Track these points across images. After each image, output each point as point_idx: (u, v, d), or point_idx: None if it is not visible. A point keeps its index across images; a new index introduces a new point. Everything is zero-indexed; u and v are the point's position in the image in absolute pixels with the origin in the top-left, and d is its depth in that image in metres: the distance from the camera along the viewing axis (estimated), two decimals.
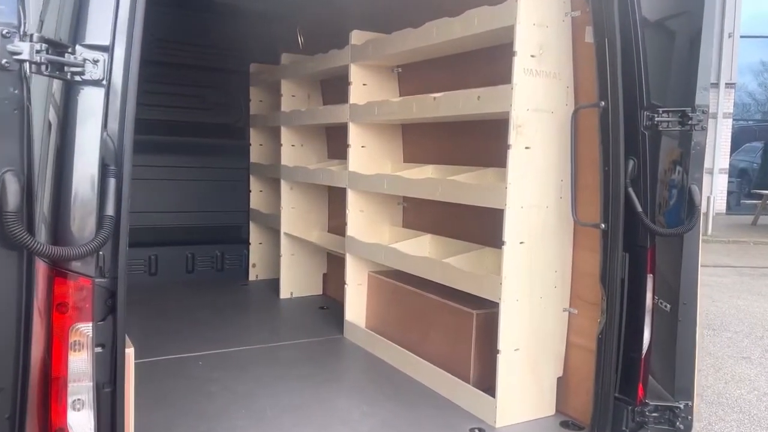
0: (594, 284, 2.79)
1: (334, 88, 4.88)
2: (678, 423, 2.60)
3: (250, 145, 5.57)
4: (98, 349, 1.66)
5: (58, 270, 1.54)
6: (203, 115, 5.50)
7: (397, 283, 3.73)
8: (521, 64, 2.69)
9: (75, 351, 1.59)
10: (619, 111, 2.52)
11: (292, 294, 5.03)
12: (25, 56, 1.34)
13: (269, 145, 5.51)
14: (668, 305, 2.67)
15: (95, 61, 1.53)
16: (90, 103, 1.54)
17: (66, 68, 1.48)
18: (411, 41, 3.35)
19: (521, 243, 2.78)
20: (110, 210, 1.55)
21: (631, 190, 2.53)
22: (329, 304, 4.82)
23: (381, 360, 3.62)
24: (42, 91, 1.52)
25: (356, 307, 4.04)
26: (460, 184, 3.00)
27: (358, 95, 3.92)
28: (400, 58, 3.72)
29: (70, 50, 1.50)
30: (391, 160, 4.06)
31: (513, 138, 2.71)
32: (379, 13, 4.20)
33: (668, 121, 2.52)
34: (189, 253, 5.48)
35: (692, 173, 2.53)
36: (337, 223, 4.95)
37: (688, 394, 2.64)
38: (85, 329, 1.59)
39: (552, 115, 2.79)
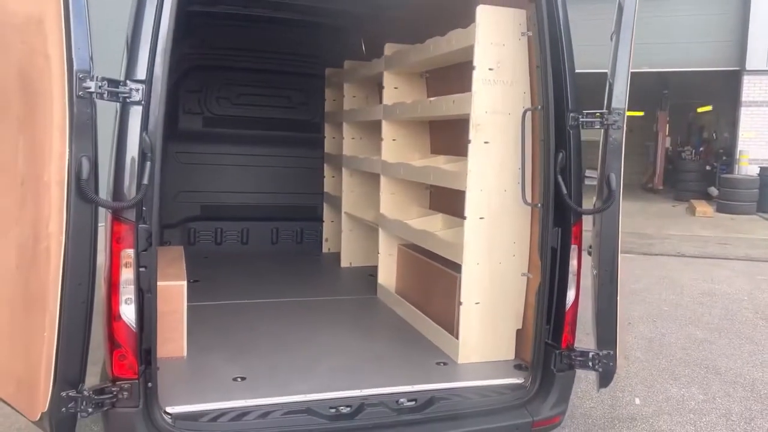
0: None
1: None
2: (597, 366, 3.20)
3: (325, 137, 6.58)
4: (143, 269, 2.66)
5: (115, 216, 2.55)
6: (287, 112, 6.58)
7: (413, 252, 4.53)
8: (480, 75, 3.39)
9: (126, 267, 2.60)
10: (549, 113, 3.16)
11: (350, 264, 5.97)
12: (92, 90, 2.34)
13: (339, 139, 6.47)
14: (595, 271, 3.27)
15: (137, 90, 2.51)
16: (134, 115, 2.53)
17: (119, 95, 2.48)
18: (419, 54, 4.13)
19: (481, 218, 3.49)
20: (146, 180, 2.53)
21: (560, 177, 3.16)
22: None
23: (396, 314, 4.45)
24: (110, 109, 2.54)
25: (387, 272, 4.88)
26: (441, 171, 3.76)
27: (391, 97, 4.75)
28: (418, 66, 4.50)
29: (122, 83, 2.50)
30: (419, 151, 4.85)
31: (473, 134, 3.42)
32: (419, 26, 4.99)
33: (589, 122, 3.12)
34: (274, 227, 6.61)
35: (611, 163, 3.10)
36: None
37: (610, 343, 3.22)
38: (132, 253, 2.59)
39: (509, 116, 3.46)
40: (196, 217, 6.38)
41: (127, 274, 2.61)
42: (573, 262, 3.21)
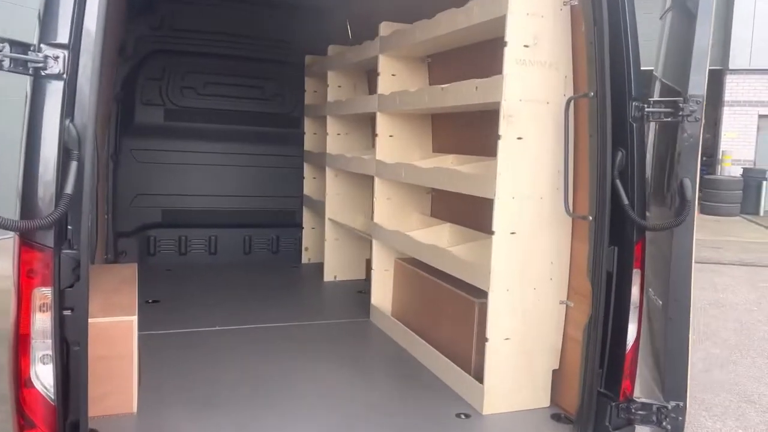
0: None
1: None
2: (665, 423, 2.53)
3: (304, 133, 5.81)
4: (68, 313, 1.88)
5: (24, 240, 1.78)
6: (261, 105, 5.79)
7: (416, 269, 3.81)
8: (513, 54, 2.69)
9: (41, 312, 1.82)
10: (606, 101, 2.47)
11: (335, 277, 5.22)
12: None
13: (321, 134, 5.72)
14: (660, 301, 2.60)
15: (56, 58, 1.74)
16: (52, 95, 1.76)
17: (29, 64, 1.71)
18: (425, 31, 3.41)
19: (512, 233, 2.78)
20: (70, 188, 1.76)
21: (618, 182, 2.48)
22: (368, 289, 4.96)
23: (396, 344, 3.73)
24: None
25: (382, 292, 4.16)
26: (458, 174, 3.04)
27: (387, 85, 4.02)
28: (422, 48, 3.78)
29: (33, 48, 1.72)
30: (420, 149, 4.13)
31: (503, 128, 2.71)
32: (419, 3, 4.26)
33: (658, 112, 2.44)
34: (246, 235, 5.82)
35: (684, 166, 2.43)
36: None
37: (679, 394, 2.55)
38: (50, 292, 1.82)
39: (548, 106, 2.77)
40: (157, 224, 5.55)
41: (42, 322, 1.84)
42: (634, 290, 2.54)
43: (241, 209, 5.82)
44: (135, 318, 2.67)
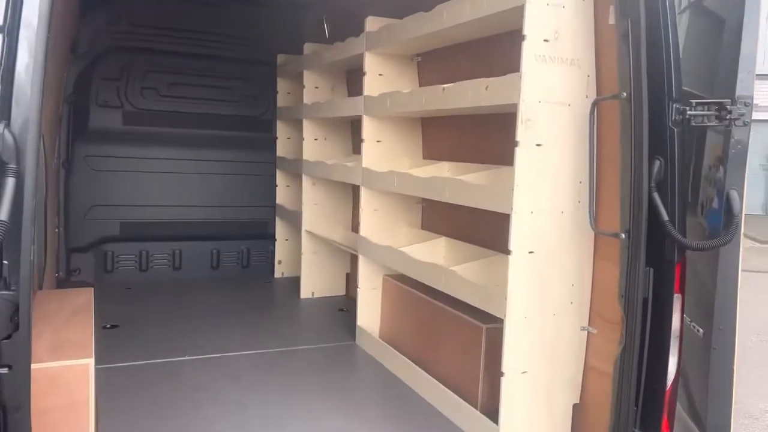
0: (615, 300, 2.46)
1: (360, 79, 4.63)
2: None
3: (277, 138, 5.40)
4: (3, 370, 1.47)
5: None
6: (229, 107, 5.35)
7: (411, 289, 3.45)
8: (532, 49, 2.36)
9: None
10: (642, 103, 2.16)
11: (313, 294, 4.83)
12: None
13: (296, 139, 5.33)
14: (701, 330, 2.30)
15: None
16: None
17: None
18: (422, 26, 3.06)
19: (530, 252, 2.45)
20: (4, 214, 1.34)
21: (656, 195, 2.17)
22: (350, 306, 4.60)
23: (388, 371, 3.36)
24: None
25: (369, 312, 3.79)
26: (465, 185, 2.70)
27: (374, 86, 3.66)
28: (415, 45, 3.43)
29: None
30: (409, 156, 3.78)
31: (521, 134, 2.38)
32: None
33: (702, 115, 2.14)
34: (214, 248, 5.37)
35: (731, 176, 2.14)
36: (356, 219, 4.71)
37: None
38: None
39: (569, 108, 2.45)
40: (115, 238, 5.06)
41: None
42: (674, 319, 2.23)
43: (207, 220, 5.36)
44: (91, 361, 2.24)
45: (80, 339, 2.44)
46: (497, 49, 3.05)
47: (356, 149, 4.79)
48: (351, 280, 4.91)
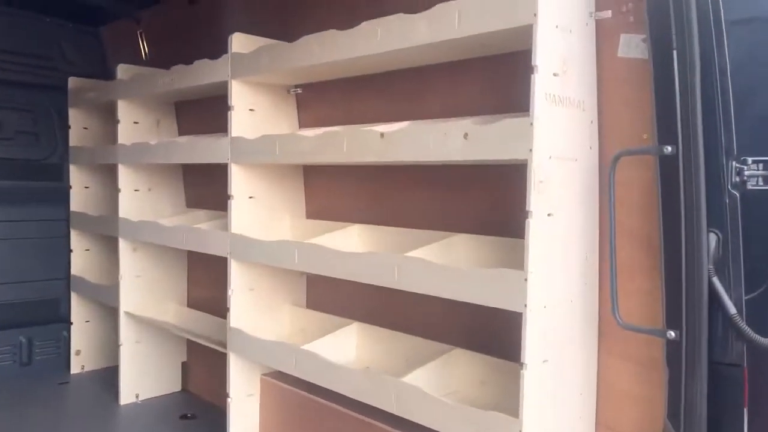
0: (631, 406, 1.91)
1: (195, 113, 3.62)
2: None
3: (71, 188, 4.05)
4: None
5: None
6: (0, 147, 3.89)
7: (304, 393, 2.57)
8: (543, 86, 1.72)
9: None
10: (698, 160, 1.65)
11: (137, 397, 3.60)
12: None
13: (99, 189, 4.06)
14: None
15: None
16: None
17: None
18: (338, 50, 2.25)
19: (545, 362, 1.79)
20: None
21: (716, 280, 1.67)
22: (195, 408, 3.49)
23: None
24: None
25: (243, 427, 2.80)
26: (437, 269, 1.94)
27: (245, 124, 2.74)
28: (309, 73, 2.60)
29: None
30: (292, 216, 2.91)
31: (533, 201, 1.72)
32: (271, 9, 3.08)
33: (758, 176, 1.70)
34: None
35: None
36: (200, 294, 3.66)
37: None
38: None
39: (576, 164, 1.86)
40: None
41: None
42: None
43: None
44: None
45: None
46: (422, 79, 2.38)
47: (191, 202, 3.75)
48: (189, 370, 3.79)
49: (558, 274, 1.82)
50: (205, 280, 3.60)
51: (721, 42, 1.67)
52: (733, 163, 1.68)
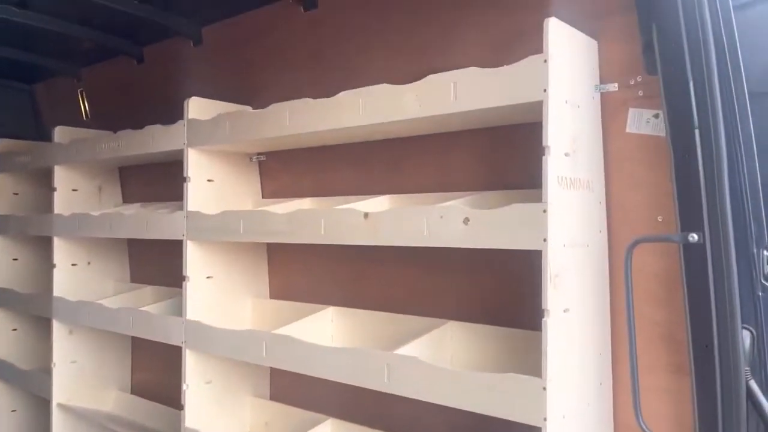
0: None
1: (143, 178, 3.31)
2: None
3: None
4: None
5: None
6: None
7: None
8: (555, 168, 1.54)
9: None
10: (729, 250, 1.48)
11: None
12: None
13: (27, 262, 3.65)
14: None
15: None
16: None
17: None
18: (312, 121, 2.02)
19: None
20: None
21: (753, 383, 1.49)
22: None
23: None
24: None
25: None
26: (438, 373, 1.69)
27: (201, 197, 2.46)
28: (284, 143, 2.37)
29: None
30: (252, 294, 2.62)
31: (549, 297, 1.52)
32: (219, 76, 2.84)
33: None
34: None
35: None
36: (145, 378, 3.28)
37: None
38: None
39: (587, 250, 1.68)
40: None
41: None
42: None
43: None
44: None
45: None
46: (407, 147, 2.18)
47: (136, 277, 3.39)
48: None
49: (576, 377, 1.60)
50: (153, 363, 3.23)
51: (744, 116, 1.54)
52: (764, 252, 1.53)
